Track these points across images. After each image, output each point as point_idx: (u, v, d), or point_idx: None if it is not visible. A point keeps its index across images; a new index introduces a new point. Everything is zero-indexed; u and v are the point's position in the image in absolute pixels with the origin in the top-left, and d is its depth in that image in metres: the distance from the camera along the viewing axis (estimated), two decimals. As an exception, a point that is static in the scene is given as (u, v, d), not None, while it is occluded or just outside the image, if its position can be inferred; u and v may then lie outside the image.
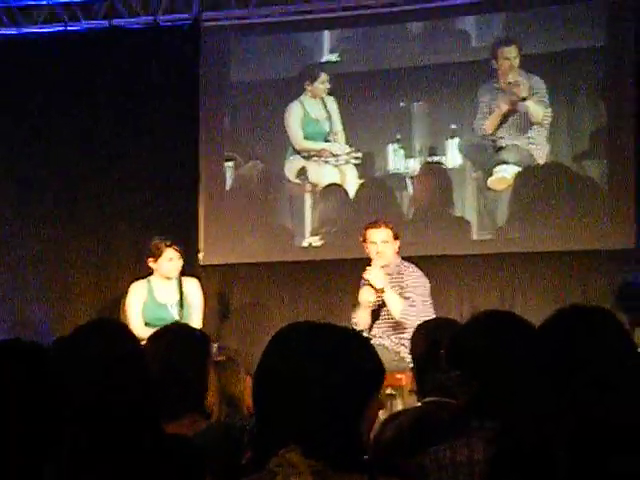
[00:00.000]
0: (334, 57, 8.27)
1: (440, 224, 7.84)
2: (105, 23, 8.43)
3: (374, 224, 6.45)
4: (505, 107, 7.68)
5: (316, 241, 8.17)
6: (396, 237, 6.40)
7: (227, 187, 8.32)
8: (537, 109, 7.64)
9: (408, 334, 6.03)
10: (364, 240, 6.44)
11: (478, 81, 7.79)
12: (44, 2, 8.47)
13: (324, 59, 8.29)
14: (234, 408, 3.93)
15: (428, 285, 6.42)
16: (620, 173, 7.35)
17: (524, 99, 7.65)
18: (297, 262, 8.10)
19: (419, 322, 5.91)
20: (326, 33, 8.35)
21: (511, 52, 7.69)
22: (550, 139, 7.64)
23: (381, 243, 6.35)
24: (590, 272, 7.40)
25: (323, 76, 8.14)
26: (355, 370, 1.81)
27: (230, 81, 8.36)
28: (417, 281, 6.34)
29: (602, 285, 7.33)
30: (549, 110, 7.61)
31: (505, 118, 7.71)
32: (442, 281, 7.51)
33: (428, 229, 7.73)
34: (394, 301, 6.27)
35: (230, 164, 8.33)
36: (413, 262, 6.50)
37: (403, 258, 6.51)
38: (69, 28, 8.50)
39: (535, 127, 7.64)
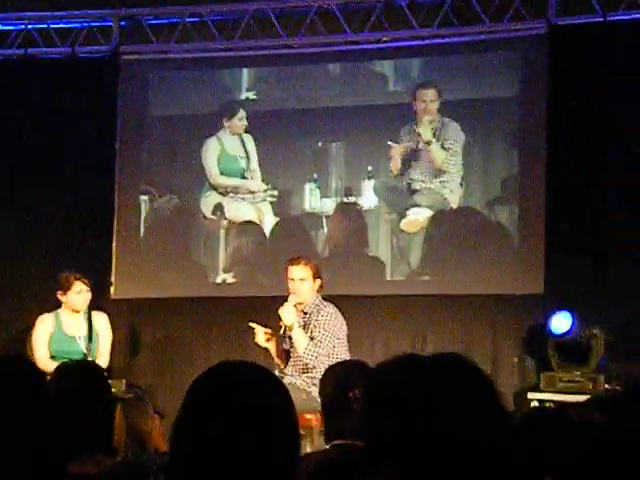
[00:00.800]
0: (252, 95, 8.29)
1: (355, 264, 7.88)
2: (20, 52, 8.33)
3: (294, 260, 6.46)
4: (404, 149, 7.79)
5: (229, 278, 8.15)
6: (317, 276, 6.39)
7: (142, 221, 8.27)
8: (438, 154, 7.76)
9: (318, 374, 6.07)
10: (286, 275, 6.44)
11: (396, 123, 7.88)
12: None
13: (243, 96, 8.31)
14: (141, 446, 3.87)
15: (344, 327, 6.41)
16: (530, 220, 7.49)
17: (428, 143, 7.77)
18: (210, 298, 8.06)
19: (325, 363, 6.05)
20: (245, 71, 8.39)
21: (427, 95, 7.80)
22: (463, 184, 7.75)
23: (298, 280, 6.35)
24: (500, 316, 7.49)
25: (241, 112, 8.15)
26: (283, 417, 1.78)
27: (148, 115, 8.34)
28: (329, 322, 6.33)
29: (511, 329, 7.43)
30: (451, 156, 7.72)
31: (412, 160, 7.81)
32: (355, 321, 7.53)
33: (343, 268, 7.77)
34: (299, 339, 6.29)
35: (145, 198, 8.29)
36: (331, 301, 6.49)
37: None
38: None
39: (448, 171, 7.75)
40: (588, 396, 5.81)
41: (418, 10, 7.80)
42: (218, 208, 8.16)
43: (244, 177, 8.14)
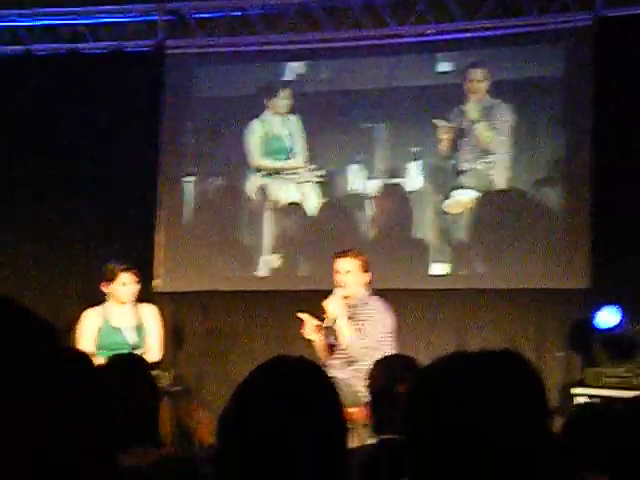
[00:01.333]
0: (297, 76, 8.25)
1: (399, 247, 7.80)
2: (68, 47, 8.40)
3: (341, 253, 6.42)
4: (451, 129, 7.73)
5: (274, 260, 8.13)
6: (364, 269, 6.35)
7: (185, 205, 8.28)
8: (485, 133, 7.70)
9: (362, 367, 6.06)
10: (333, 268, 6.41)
11: (444, 104, 7.80)
12: (6, 23, 8.43)
13: (287, 77, 8.26)
14: (187, 439, 3.89)
15: (390, 322, 6.35)
16: (577, 211, 7.41)
17: (473, 121, 7.71)
18: (254, 291, 8.06)
19: (371, 357, 6.02)
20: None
21: (476, 74, 7.74)
22: (511, 165, 7.67)
23: (345, 273, 6.31)
24: (544, 311, 7.44)
25: (283, 92, 8.12)
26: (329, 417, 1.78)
27: (192, 99, 8.35)
28: (376, 316, 6.29)
29: (557, 324, 7.38)
30: (498, 135, 7.66)
31: (458, 140, 7.75)
32: (398, 315, 7.52)
33: (387, 253, 7.69)
34: (344, 330, 6.25)
35: (190, 179, 8.29)
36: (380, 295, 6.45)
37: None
38: (33, 51, 8.46)
39: (495, 152, 7.68)
40: (634, 392, 5.76)
41: (463, 2, 7.75)
42: (262, 190, 8.15)
43: (288, 157, 8.11)
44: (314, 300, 6.56)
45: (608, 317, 6.87)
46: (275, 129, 8.14)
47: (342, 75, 8.13)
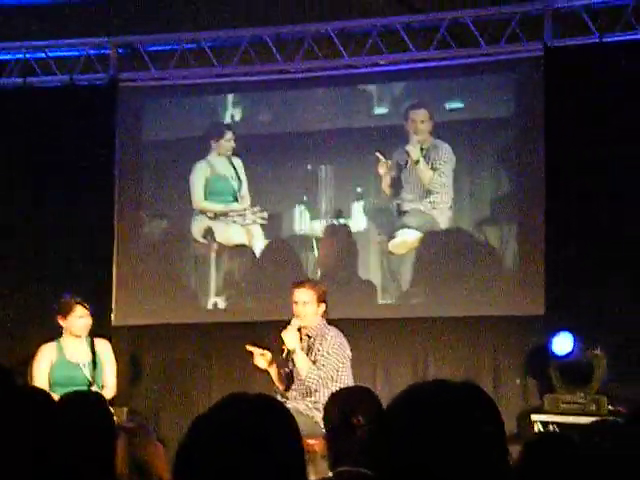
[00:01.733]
0: (240, 118, 8.33)
1: (346, 286, 7.86)
2: (19, 80, 8.36)
3: (298, 283, 6.45)
4: (392, 167, 7.83)
5: (220, 302, 8.17)
6: (321, 300, 6.36)
7: (138, 244, 8.31)
8: (426, 173, 7.78)
9: (321, 398, 6.06)
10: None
11: (387, 145, 7.91)
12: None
13: (230, 119, 8.34)
14: (143, 476, 3.84)
15: (348, 351, 6.36)
16: (529, 241, 7.49)
17: (416, 162, 7.79)
18: (209, 324, 8.04)
19: (329, 387, 6.03)
20: (233, 94, 8.40)
21: (418, 115, 7.84)
22: (453, 206, 7.76)
23: (301, 303, 6.33)
24: (500, 338, 7.48)
25: (229, 134, 8.19)
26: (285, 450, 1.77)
27: (142, 140, 8.38)
28: (333, 346, 6.30)
29: (513, 351, 7.42)
30: (439, 176, 7.74)
31: (401, 180, 7.84)
32: (354, 345, 7.52)
33: (334, 291, 7.68)
34: (301, 362, 6.26)
35: (142, 220, 8.33)
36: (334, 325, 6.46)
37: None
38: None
39: (437, 192, 7.76)
40: (591, 418, 5.80)
41: (415, 33, 7.84)
42: (208, 232, 8.19)
43: (236, 198, 8.17)
44: (269, 331, 6.56)
45: (564, 343, 6.92)
46: (221, 170, 8.20)
47: (284, 116, 8.21)
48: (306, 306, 6.31)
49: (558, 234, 7.28)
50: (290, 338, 6.24)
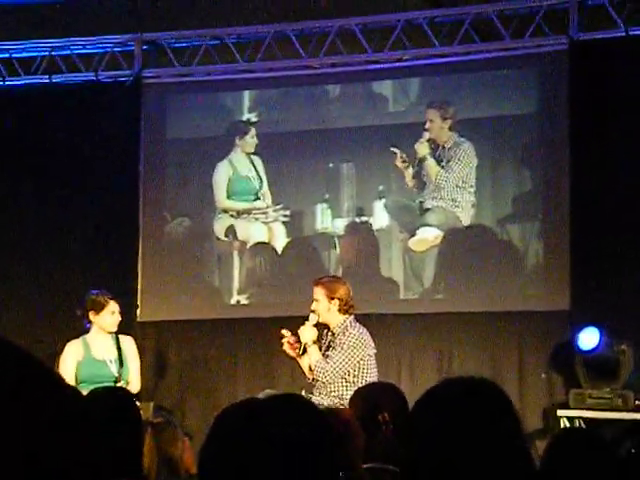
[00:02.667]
0: (263, 116, 8.31)
1: (368, 284, 7.84)
2: (45, 79, 8.41)
3: (314, 281, 6.49)
4: (411, 159, 7.83)
5: (243, 300, 8.19)
6: (332, 297, 6.36)
7: (161, 245, 8.33)
8: (432, 170, 7.79)
9: (338, 391, 6.09)
10: None
11: (409, 142, 7.86)
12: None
13: (253, 117, 8.32)
14: (171, 470, 3.87)
15: (368, 349, 6.26)
16: (554, 236, 7.46)
17: (421, 159, 7.82)
18: (231, 319, 8.07)
19: (340, 382, 6.05)
20: (255, 92, 8.39)
21: (428, 114, 7.84)
22: (475, 203, 7.74)
23: (315, 301, 6.38)
24: (526, 333, 7.45)
25: (252, 130, 8.21)
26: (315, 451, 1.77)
27: (166, 138, 8.40)
28: (348, 343, 6.25)
29: (538, 346, 7.39)
30: (445, 172, 7.74)
31: (424, 179, 7.84)
32: (378, 340, 7.53)
33: (356, 289, 7.67)
34: (312, 355, 6.28)
35: (165, 219, 8.34)
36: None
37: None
38: (8, 83, 8.46)
39: (459, 189, 7.74)
40: (618, 413, 5.78)
41: (439, 28, 7.81)
42: (230, 230, 8.22)
43: (257, 198, 8.19)
44: (292, 325, 6.56)
45: (589, 338, 6.89)
46: (242, 170, 8.22)
47: (307, 113, 8.21)
48: (318, 303, 6.34)
49: (583, 229, 7.25)
50: (306, 333, 6.28)
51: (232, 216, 8.22)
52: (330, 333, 6.38)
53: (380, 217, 7.99)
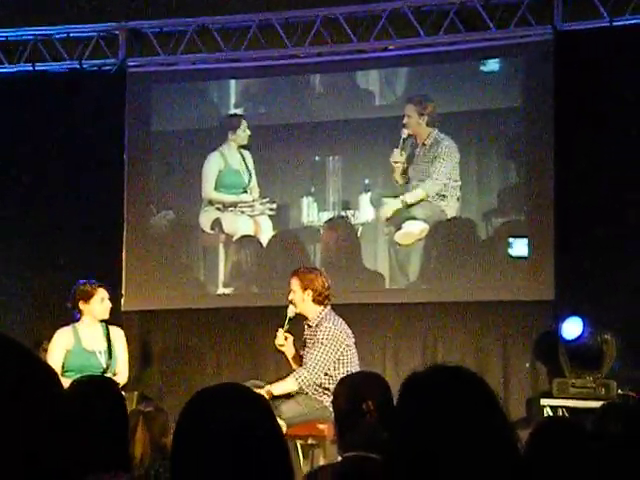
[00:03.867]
0: (250, 109, 8.30)
1: (353, 276, 7.87)
2: (29, 66, 8.37)
3: (291, 272, 6.54)
4: (399, 160, 7.81)
5: (228, 291, 8.19)
6: (305, 287, 6.33)
7: (146, 238, 8.29)
8: (420, 164, 7.79)
9: (323, 381, 6.12)
10: None
11: (396, 136, 7.83)
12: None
13: (240, 110, 8.30)
14: (165, 459, 3.88)
15: (346, 339, 6.27)
16: (539, 228, 7.47)
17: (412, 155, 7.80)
18: (215, 309, 8.06)
19: (331, 373, 6.06)
20: (242, 84, 8.36)
21: (406, 109, 7.81)
22: (460, 197, 7.73)
23: (290, 292, 6.39)
24: (510, 322, 7.48)
25: (244, 123, 8.18)
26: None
27: (150, 130, 8.34)
28: (327, 336, 6.23)
29: (522, 335, 7.42)
30: (442, 168, 7.71)
31: (406, 172, 7.82)
32: (364, 330, 7.55)
33: (342, 281, 7.66)
34: (284, 388, 6.26)
35: (147, 216, 8.29)
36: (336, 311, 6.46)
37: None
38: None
39: (444, 185, 7.73)
40: (601, 402, 5.81)
41: (424, 17, 7.81)
42: (216, 223, 8.20)
43: (245, 191, 8.17)
44: (277, 315, 6.57)
45: (573, 328, 6.93)
46: (234, 163, 8.20)
47: (293, 107, 8.19)
48: (292, 294, 6.36)
49: (567, 219, 7.28)
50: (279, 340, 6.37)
51: (218, 209, 8.20)
52: (307, 326, 6.39)
53: (366, 211, 7.97)
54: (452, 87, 7.84)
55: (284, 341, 6.42)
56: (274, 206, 8.11)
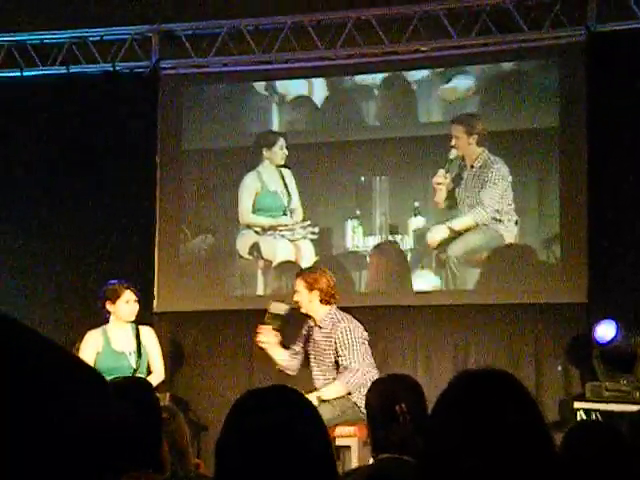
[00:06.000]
0: (290, 125, 8.05)
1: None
2: (63, 69, 8.42)
3: (296, 273, 6.56)
4: (442, 182, 7.57)
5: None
6: (311, 287, 6.30)
7: (179, 261, 8.09)
8: (442, 195, 7.56)
9: (351, 379, 6.10)
10: None
11: (445, 155, 7.62)
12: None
13: (280, 128, 8.06)
14: (181, 461, 3.87)
15: (363, 334, 6.33)
16: (573, 230, 7.41)
17: (438, 183, 7.57)
18: (248, 310, 8.06)
19: (361, 370, 6.04)
20: (281, 104, 8.12)
21: (454, 131, 7.59)
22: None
23: (295, 293, 6.38)
24: (543, 326, 7.44)
25: (281, 141, 7.91)
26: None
27: (184, 148, 8.16)
28: (350, 339, 6.24)
29: (555, 338, 7.38)
30: (489, 190, 7.51)
31: (451, 196, 7.60)
32: (395, 331, 7.55)
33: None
34: (335, 393, 6.25)
35: (181, 236, 8.11)
36: (349, 312, 6.43)
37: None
38: (25, 73, 8.48)
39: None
40: (635, 406, 5.76)
41: (456, 19, 7.78)
42: (254, 248, 7.89)
43: (285, 214, 7.85)
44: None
45: (606, 331, 6.88)
46: (271, 184, 7.91)
47: (336, 124, 7.93)
48: (297, 295, 6.34)
49: (601, 222, 7.23)
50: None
51: (256, 232, 7.90)
52: (318, 327, 6.35)
53: (415, 235, 7.63)
54: (494, 108, 7.63)
55: (273, 338, 6.40)
56: (316, 230, 7.77)
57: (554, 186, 7.54)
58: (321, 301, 6.30)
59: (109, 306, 6.65)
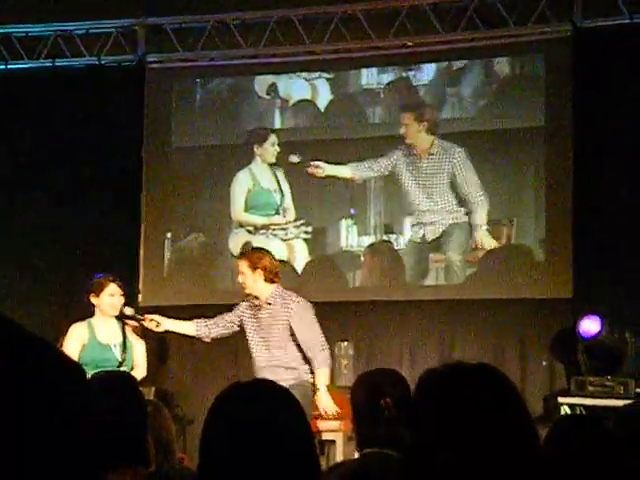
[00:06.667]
0: (282, 123, 7.98)
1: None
2: (48, 62, 8.39)
3: (237, 256, 6.66)
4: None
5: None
6: (254, 266, 6.27)
7: (165, 260, 8.04)
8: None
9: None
10: None
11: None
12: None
13: (272, 125, 8.00)
14: (166, 455, 3.86)
15: (312, 312, 6.34)
16: (558, 226, 7.43)
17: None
18: (233, 305, 8.05)
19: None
20: (273, 101, 8.07)
21: (403, 119, 7.63)
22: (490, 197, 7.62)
23: (239, 275, 6.36)
24: (527, 321, 7.46)
25: (272, 137, 7.83)
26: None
27: (172, 146, 8.12)
28: (304, 313, 6.27)
29: (540, 333, 7.40)
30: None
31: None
32: (378, 327, 7.56)
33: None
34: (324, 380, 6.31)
35: (168, 235, 8.04)
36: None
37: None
38: (10, 67, 8.44)
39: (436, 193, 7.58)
40: (619, 400, 5.79)
41: (443, 14, 7.79)
42: (246, 247, 7.73)
43: (276, 212, 7.78)
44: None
45: (591, 326, 6.90)
46: (264, 182, 7.83)
47: (329, 122, 7.88)
48: (244, 276, 6.31)
49: (586, 218, 7.25)
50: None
51: (249, 232, 7.83)
52: (267, 304, 6.32)
53: (410, 234, 7.62)
54: (474, 93, 7.68)
55: (154, 323, 6.56)
56: (310, 229, 7.71)
57: (541, 183, 7.55)
58: (265, 280, 6.29)
59: (93, 299, 6.64)
